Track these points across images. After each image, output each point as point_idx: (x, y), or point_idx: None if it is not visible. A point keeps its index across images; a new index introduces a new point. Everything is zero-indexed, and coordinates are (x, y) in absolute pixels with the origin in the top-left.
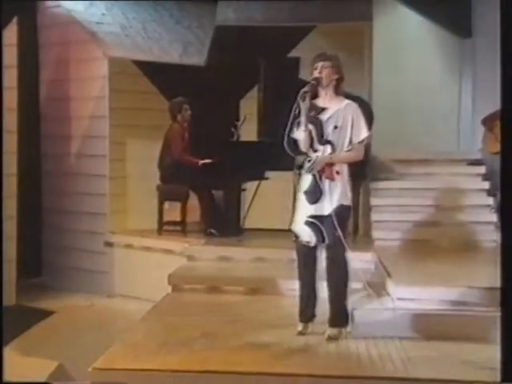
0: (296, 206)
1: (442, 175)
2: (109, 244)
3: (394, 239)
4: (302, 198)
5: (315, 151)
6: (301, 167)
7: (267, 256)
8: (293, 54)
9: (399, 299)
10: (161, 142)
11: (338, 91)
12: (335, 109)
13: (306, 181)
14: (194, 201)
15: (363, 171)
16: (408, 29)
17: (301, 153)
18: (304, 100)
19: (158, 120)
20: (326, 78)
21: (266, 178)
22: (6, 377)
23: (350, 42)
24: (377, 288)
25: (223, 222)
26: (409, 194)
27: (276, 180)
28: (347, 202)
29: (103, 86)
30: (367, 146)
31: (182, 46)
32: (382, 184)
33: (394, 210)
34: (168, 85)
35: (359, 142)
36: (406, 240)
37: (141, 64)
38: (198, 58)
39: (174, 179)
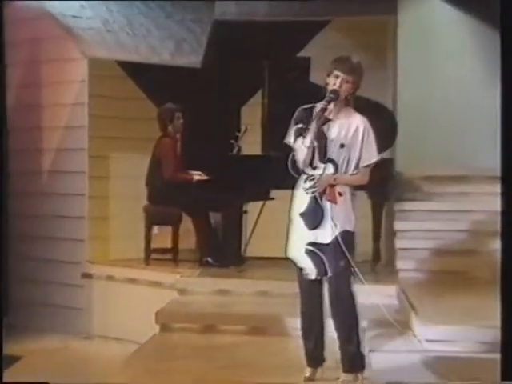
0: (291, 229)
1: (477, 195)
2: (87, 276)
3: (422, 270)
4: (298, 221)
5: (314, 169)
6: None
7: (272, 289)
8: (302, 53)
9: (427, 340)
10: (149, 155)
11: (348, 102)
12: (343, 123)
13: (303, 201)
14: (187, 225)
15: (386, 190)
16: (439, 24)
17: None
18: (319, 118)
19: (146, 131)
20: (345, 92)
21: (272, 199)
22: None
23: (370, 39)
24: (401, 327)
25: (221, 250)
26: (439, 216)
27: (283, 200)
28: (351, 227)
29: (81, 90)
30: (390, 161)
31: (174, 43)
32: (407, 205)
33: (422, 235)
34: (157, 89)
35: (366, 166)
36: (435, 271)
37: (126, 65)
38: (192, 57)
39: (165, 199)
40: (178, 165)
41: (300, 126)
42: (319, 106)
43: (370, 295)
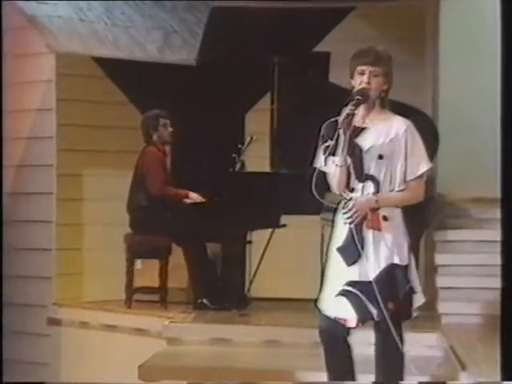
0: (327, 269)
1: None
2: (54, 322)
3: (471, 314)
4: (335, 258)
5: (352, 191)
6: (332, 213)
7: (282, 338)
8: (320, 47)
9: None
10: (131, 172)
11: (384, 103)
12: (380, 129)
13: (341, 232)
14: (178, 258)
15: (424, 216)
16: (492, 12)
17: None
18: (348, 127)
19: (129, 142)
20: (376, 89)
21: (283, 226)
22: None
23: (404, 30)
24: None
25: (220, 289)
26: (491, 248)
27: (296, 228)
28: (402, 260)
29: (47, 93)
30: (429, 180)
31: (162, 36)
32: (451, 234)
33: (470, 271)
34: (142, 92)
35: (417, 178)
36: (487, 315)
37: (103, 62)
38: (185, 53)
39: (151, 226)
40: (166, 180)
41: (328, 143)
42: (345, 111)
43: (406, 345)
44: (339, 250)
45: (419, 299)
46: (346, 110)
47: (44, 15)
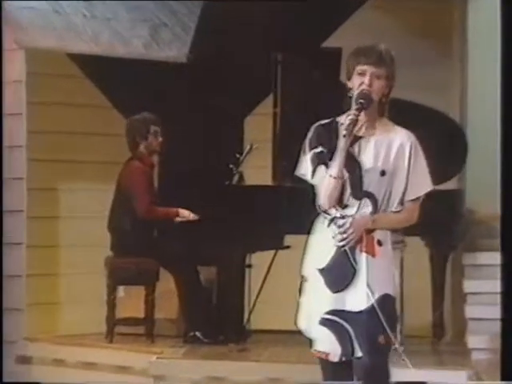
0: (304, 290)
1: None
2: (24, 360)
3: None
4: (315, 280)
5: (344, 207)
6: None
7: (286, 376)
8: (330, 42)
9: None
10: (113, 186)
11: (383, 110)
12: (381, 140)
13: (325, 251)
14: (167, 284)
15: (451, 236)
16: None
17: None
18: (349, 135)
19: (110, 152)
20: (378, 93)
21: (287, 247)
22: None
23: (427, 23)
24: None
25: (215, 320)
26: None
27: (302, 250)
28: (393, 290)
29: (16, 95)
30: (458, 193)
31: (149, 30)
32: (482, 257)
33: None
34: (126, 93)
35: (415, 199)
36: None
37: (81, 60)
38: (175, 49)
39: (135, 248)
40: (154, 197)
41: (320, 149)
42: (347, 117)
43: None
44: (323, 272)
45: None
46: (350, 116)
47: (13, 6)
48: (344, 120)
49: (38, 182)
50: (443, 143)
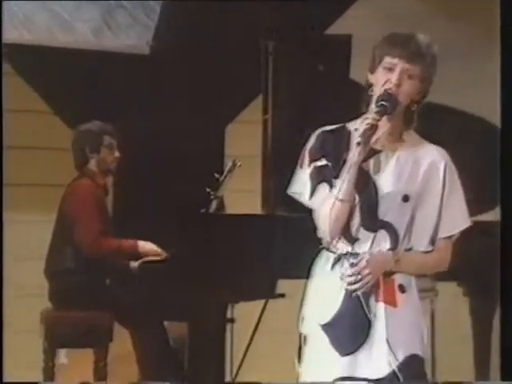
0: (305, 353)
1: None
2: None
3: None
4: (319, 338)
5: (354, 242)
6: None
7: None
8: (336, 29)
9: None
10: (52, 216)
11: (412, 120)
12: (405, 157)
13: (330, 300)
14: (123, 345)
15: (497, 281)
16: None
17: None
18: (364, 144)
19: (49, 170)
20: (407, 96)
21: (280, 296)
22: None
23: (462, 6)
24: None
25: None
26: None
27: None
28: (422, 349)
29: None
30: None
31: (100, 11)
32: None
33: None
34: (70, 96)
35: (448, 238)
36: None
37: (10, 51)
38: (134, 36)
39: (82, 298)
40: (105, 227)
41: (323, 162)
42: (364, 121)
43: None
44: (328, 328)
45: None
46: (368, 119)
47: None
48: (359, 125)
49: None
50: (482, 159)
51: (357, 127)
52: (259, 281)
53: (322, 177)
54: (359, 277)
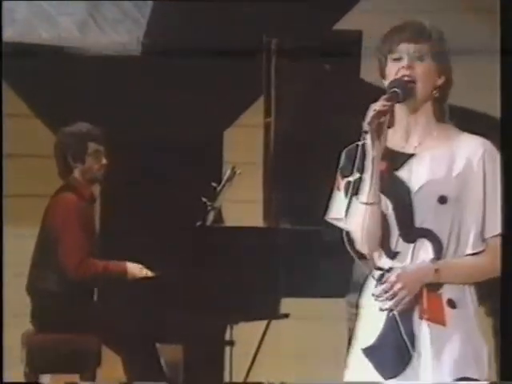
0: (347, 375)
1: None
2: None
3: None
4: (361, 363)
5: (394, 256)
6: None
7: None
8: (345, 24)
9: None
10: (34, 231)
11: (442, 111)
12: (439, 156)
13: (373, 324)
14: (112, 370)
15: None
16: None
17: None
18: (378, 138)
19: (31, 179)
20: (425, 81)
21: (283, 316)
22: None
23: None
24: None
25: None
26: None
27: (305, 320)
28: (480, 372)
29: None
30: None
31: (86, 5)
32: None
33: None
34: (53, 97)
35: (496, 236)
36: None
37: None
38: (124, 33)
39: (66, 319)
40: (91, 246)
41: (356, 176)
42: (372, 108)
43: None
44: (368, 352)
45: None
46: (377, 106)
47: None
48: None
49: None
50: None
51: (366, 119)
52: (261, 300)
53: (353, 191)
54: (391, 293)
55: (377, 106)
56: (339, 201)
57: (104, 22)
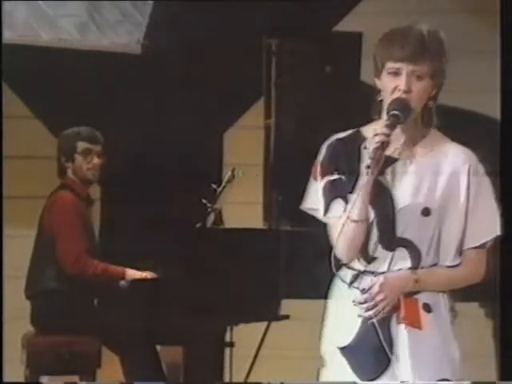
0: (322, 377)
1: None
2: None
3: None
4: (338, 363)
5: (371, 261)
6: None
7: None
8: (345, 25)
9: None
10: (32, 232)
11: (430, 119)
12: (425, 166)
13: (348, 323)
14: (112, 372)
15: None
16: None
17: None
18: (376, 164)
19: (32, 180)
20: (420, 99)
21: (284, 318)
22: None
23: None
24: None
25: None
26: None
27: (305, 322)
28: (454, 374)
29: None
30: None
31: (86, 6)
32: None
33: None
34: (53, 99)
35: (479, 247)
36: None
37: None
38: (124, 34)
39: (65, 321)
40: (89, 245)
41: (336, 177)
42: (374, 137)
43: None
44: (346, 352)
45: None
46: (378, 136)
47: None
48: (370, 141)
49: None
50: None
51: (367, 146)
52: (261, 301)
53: (335, 192)
54: (372, 303)
55: (379, 137)
56: (314, 192)
57: (104, 24)
